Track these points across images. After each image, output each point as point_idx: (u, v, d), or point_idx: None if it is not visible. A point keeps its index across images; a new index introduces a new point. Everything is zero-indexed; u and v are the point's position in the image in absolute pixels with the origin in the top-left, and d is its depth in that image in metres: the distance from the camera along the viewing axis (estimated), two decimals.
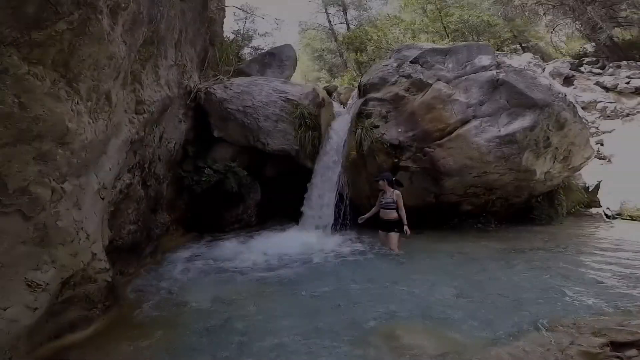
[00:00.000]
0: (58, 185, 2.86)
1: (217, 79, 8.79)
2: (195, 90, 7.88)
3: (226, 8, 13.19)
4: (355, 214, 7.61)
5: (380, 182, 6.18)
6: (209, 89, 8.15)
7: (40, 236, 2.75)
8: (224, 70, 9.80)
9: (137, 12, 3.63)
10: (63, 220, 2.93)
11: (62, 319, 3.27)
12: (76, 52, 2.76)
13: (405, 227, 5.89)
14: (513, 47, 17.11)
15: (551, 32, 16.81)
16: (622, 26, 14.63)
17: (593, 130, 10.01)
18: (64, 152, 2.86)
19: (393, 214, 5.99)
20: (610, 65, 13.14)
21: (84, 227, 3.27)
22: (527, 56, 13.70)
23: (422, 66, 7.84)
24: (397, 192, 6.07)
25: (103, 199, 3.89)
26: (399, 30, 17.44)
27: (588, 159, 7.95)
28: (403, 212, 5.98)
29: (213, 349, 3.16)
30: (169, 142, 6.47)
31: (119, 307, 3.84)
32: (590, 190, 8.83)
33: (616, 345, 2.72)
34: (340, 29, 23.20)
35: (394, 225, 5.97)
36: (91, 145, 3.22)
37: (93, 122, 3.25)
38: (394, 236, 5.94)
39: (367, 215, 6.46)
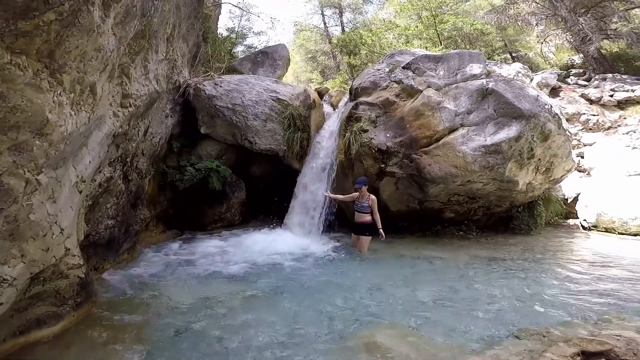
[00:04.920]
0: (33, 177, 2.78)
1: (207, 76, 8.72)
2: (184, 86, 7.81)
3: (222, 5, 13.14)
4: (340, 216, 7.61)
5: (364, 187, 6.26)
6: (198, 85, 8.07)
7: (10, 229, 2.66)
8: (215, 67, 9.74)
9: (130, 4, 3.55)
10: (36, 214, 2.84)
11: (28, 315, 3.19)
12: (63, 43, 2.68)
13: (381, 231, 6.07)
14: (504, 56, 17.29)
15: (542, 43, 17.06)
16: (611, 38, 14.89)
17: (575, 142, 10.17)
18: (41, 143, 2.78)
19: (367, 217, 6.17)
20: (596, 77, 13.34)
21: (58, 221, 3.18)
22: (517, 66, 13.90)
23: (413, 72, 7.87)
24: (373, 197, 6.24)
25: (81, 192, 3.81)
26: (393, 35, 17.50)
27: (569, 171, 8.09)
28: (377, 217, 6.16)
29: (184, 351, 3.10)
30: (153, 137, 6.37)
31: (91, 303, 3.75)
32: (568, 202, 9.01)
33: (587, 355, 2.78)
34: (335, 31, 23.18)
35: (367, 229, 6.17)
36: (71, 137, 3.14)
37: (75, 114, 3.16)
38: (365, 239, 6.20)
39: (335, 195, 6.88)
